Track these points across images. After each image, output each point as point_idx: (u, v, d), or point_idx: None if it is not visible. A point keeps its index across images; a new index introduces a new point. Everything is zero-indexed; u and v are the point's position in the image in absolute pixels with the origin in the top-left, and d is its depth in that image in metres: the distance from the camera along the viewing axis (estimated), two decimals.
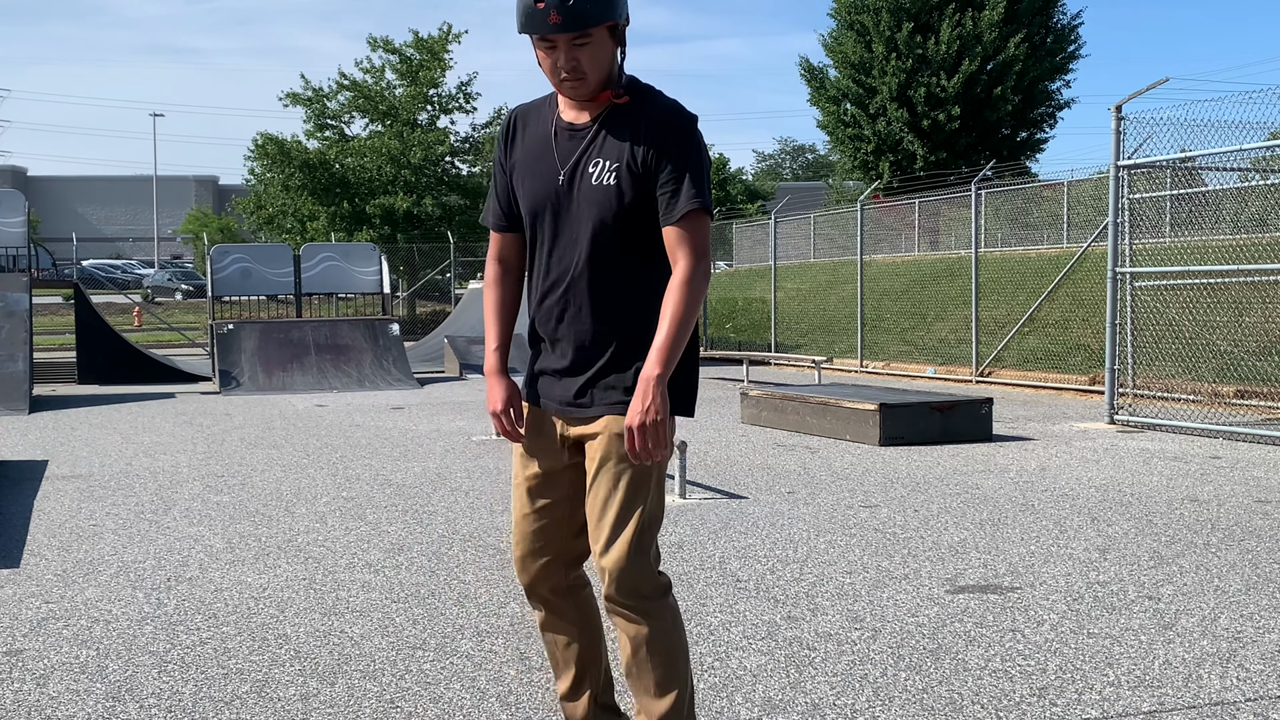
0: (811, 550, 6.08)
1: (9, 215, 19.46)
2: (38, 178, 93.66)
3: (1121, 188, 11.35)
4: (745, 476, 8.52)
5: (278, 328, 18.48)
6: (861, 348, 19.29)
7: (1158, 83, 10.95)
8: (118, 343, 18.84)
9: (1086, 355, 15.32)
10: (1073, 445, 10.08)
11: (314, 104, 39.21)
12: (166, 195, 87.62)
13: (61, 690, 4.05)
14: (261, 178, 39.38)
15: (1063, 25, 35.01)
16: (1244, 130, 10.44)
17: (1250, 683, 4.01)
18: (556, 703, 3.77)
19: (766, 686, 4.02)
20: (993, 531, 6.51)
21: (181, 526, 6.89)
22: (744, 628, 4.70)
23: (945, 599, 5.10)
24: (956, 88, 32.91)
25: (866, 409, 10.19)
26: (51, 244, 54.78)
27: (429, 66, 38.40)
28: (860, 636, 4.57)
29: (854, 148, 35.97)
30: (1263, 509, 7.13)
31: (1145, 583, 5.36)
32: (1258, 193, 13.54)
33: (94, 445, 10.78)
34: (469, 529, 6.71)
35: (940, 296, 20.61)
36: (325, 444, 10.71)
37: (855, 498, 7.60)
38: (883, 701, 3.86)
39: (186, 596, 5.28)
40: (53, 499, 7.88)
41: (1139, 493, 7.72)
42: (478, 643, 4.54)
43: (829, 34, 36.12)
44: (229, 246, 20.69)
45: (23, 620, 4.91)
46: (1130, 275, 11.49)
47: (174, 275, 51.88)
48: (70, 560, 6.02)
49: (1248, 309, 12.92)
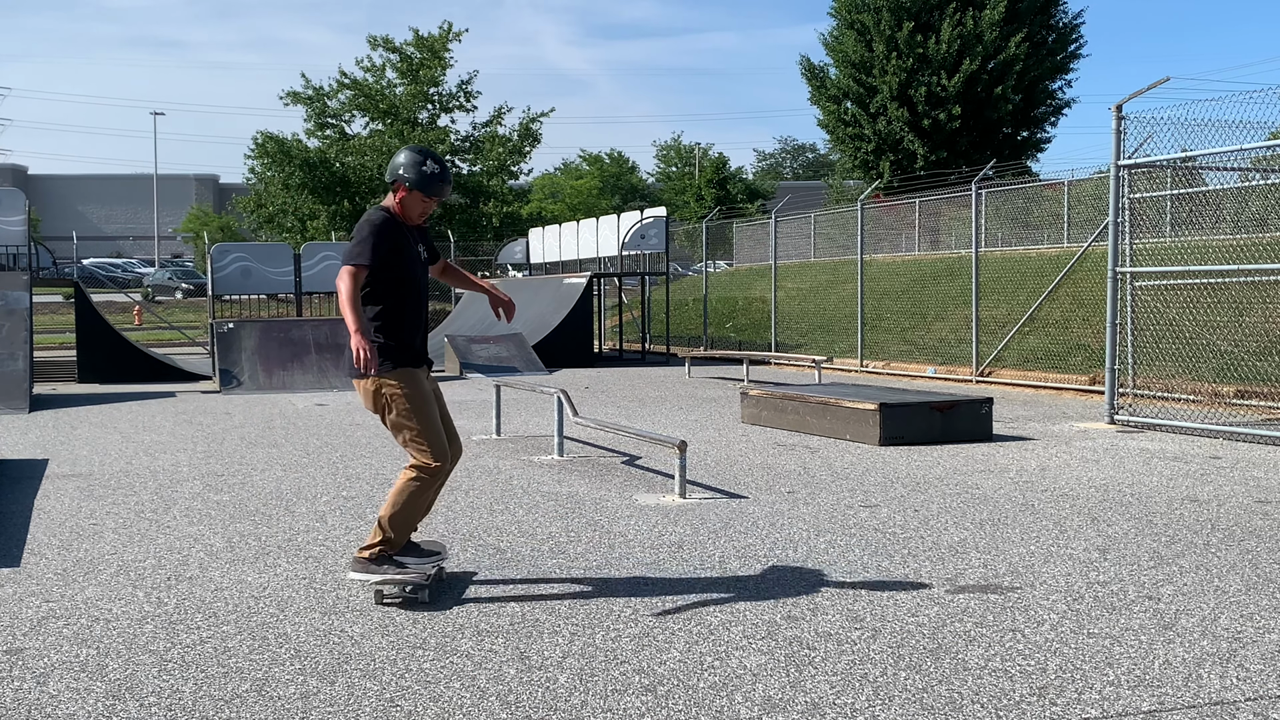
0: (811, 550, 6.08)
1: (9, 214, 19.46)
2: (38, 176, 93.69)
3: (1122, 187, 11.35)
4: (745, 476, 8.52)
5: (278, 327, 18.47)
6: (862, 347, 19.29)
7: (1158, 82, 10.94)
8: (118, 341, 18.83)
9: (1087, 355, 15.32)
10: (1073, 445, 10.08)
11: (315, 103, 39.19)
12: (167, 194, 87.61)
13: (62, 689, 4.05)
14: (262, 176, 39.35)
15: (1063, 24, 35.03)
16: (1244, 130, 10.44)
17: (1250, 682, 4.02)
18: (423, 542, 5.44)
19: (766, 686, 4.02)
20: (993, 531, 6.51)
21: (182, 525, 6.89)
22: (744, 627, 4.70)
23: (945, 599, 5.10)
24: (957, 87, 32.91)
25: (866, 409, 10.19)
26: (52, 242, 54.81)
27: (429, 65, 38.39)
28: (860, 636, 4.57)
29: (854, 147, 35.98)
30: (1263, 509, 7.13)
31: (1145, 583, 5.36)
32: (1258, 192, 13.54)
33: (94, 444, 10.79)
34: (469, 528, 6.72)
35: (940, 296, 20.61)
36: (325, 443, 10.71)
37: (855, 498, 7.60)
38: (883, 701, 3.86)
39: (186, 595, 5.28)
40: (53, 498, 7.89)
41: (1139, 493, 7.73)
42: (478, 642, 4.54)
43: (829, 33, 36.15)
44: (229, 245, 20.68)
45: (23, 619, 4.92)
46: (1130, 275, 11.49)
47: (174, 274, 51.85)
48: (70, 559, 6.03)
49: (1248, 309, 12.92)
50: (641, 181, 74.22)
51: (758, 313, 24.69)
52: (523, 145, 39.97)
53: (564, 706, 3.84)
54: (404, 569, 5.13)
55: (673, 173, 69.64)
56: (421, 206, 5.28)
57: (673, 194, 63.79)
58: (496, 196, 39.53)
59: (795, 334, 22.36)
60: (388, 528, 5.14)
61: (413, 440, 5.14)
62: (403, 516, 5.14)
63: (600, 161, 73.46)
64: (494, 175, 39.62)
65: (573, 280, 22.84)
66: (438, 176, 5.25)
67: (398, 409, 5.14)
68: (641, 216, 23.61)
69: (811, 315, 23.21)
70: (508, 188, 40.59)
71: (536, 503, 7.52)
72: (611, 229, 24.38)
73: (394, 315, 5.20)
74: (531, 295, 23.96)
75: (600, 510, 7.23)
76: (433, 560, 5.29)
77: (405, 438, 5.17)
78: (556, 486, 8.16)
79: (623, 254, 23.57)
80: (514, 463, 9.33)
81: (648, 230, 23.35)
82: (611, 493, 7.87)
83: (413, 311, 5.32)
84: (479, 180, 39.48)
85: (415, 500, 5.15)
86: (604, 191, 67.71)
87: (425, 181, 5.23)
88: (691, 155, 69.82)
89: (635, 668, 4.22)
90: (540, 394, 12.66)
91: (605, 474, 8.71)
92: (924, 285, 21.74)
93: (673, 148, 72.38)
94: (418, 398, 5.17)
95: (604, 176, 70.56)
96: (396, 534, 5.15)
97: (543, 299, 23.07)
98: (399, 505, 5.13)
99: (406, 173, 5.22)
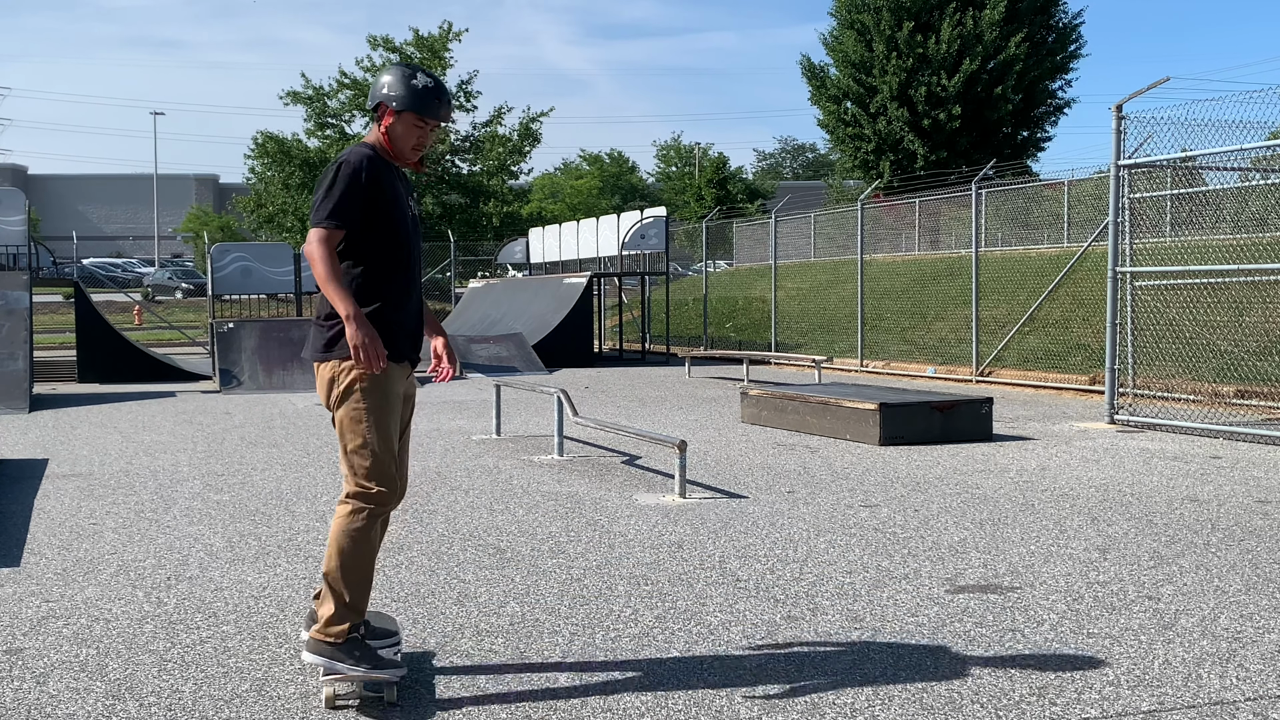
0: (811, 550, 6.08)
1: (9, 214, 19.47)
2: (38, 176, 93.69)
3: (1122, 187, 11.35)
4: (745, 476, 8.52)
5: (278, 326, 18.47)
6: (862, 347, 19.29)
7: (1158, 82, 10.94)
8: (118, 341, 18.84)
9: (1087, 355, 15.32)
10: (1073, 445, 10.08)
11: (315, 103, 39.23)
12: (167, 194, 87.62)
13: (61, 689, 4.05)
14: (262, 176, 39.41)
15: (1064, 24, 35.03)
16: (1244, 130, 10.44)
17: (1250, 682, 4.02)
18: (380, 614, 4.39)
19: (766, 686, 4.02)
20: (993, 531, 6.51)
21: (181, 525, 6.89)
22: (744, 627, 4.70)
23: (945, 599, 5.10)
24: (957, 87, 32.91)
25: (866, 408, 10.19)
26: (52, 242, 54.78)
27: (429, 65, 38.40)
28: (860, 636, 4.57)
29: (854, 147, 35.98)
30: (1263, 509, 7.13)
31: (1145, 583, 5.36)
32: (1258, 192, 13.54)
33: (94, 444, 10.78)
34: (469, 528, 6.71)
35: (940, 296, 20.61)
36: (325, 443, 10.71)
37: (855, 497, 7.60)
38: (882, 701, 3.86)
39: (186, 595, 5.28)
40: (53, 498, 7.88)
41: (1139, 493, 7.72)
42: (477, 642, 4.54)
43: (829, 33, 36.15)
44: (229, 245, 20.69)
45: (23, 619, 4.91)
46: (1130, 275, 11.49)
47: (174, 274, 51.82)
48: (70, 559, 6.03)
49: (1248, 309, 12.92)
50: (641, 181, 74.26)
51: (758, 313, 24.69)
52: (523, 145, 40.00)
53: (564, 706, 3.84)
54: (379, 662, 3.90)
55: (673, 173, 69.67)
56: (416, 135, 4.04)
57: (673, 194, 63.81)
58: (496, 196, 39.56)
59: (795, 334, 22.36)
60: (341, 587, 3.91)
61: (356, 453, 3.94)
62: (354, 566, 3.93)
63: (600, 161, 73.50)
64: (494, 175, 39.65)
65: (573, 280, 22.84)
66: (432, 91, 4.01)
67: (351, 405, 3.96)
68: (641, 216, 23.61)
69: (811, 315, 23.21)
70: (508, 188, 40.62)
71: (536, 502, 7.52)
72: (611, 229, 24.39)
73: (377, 286, 4.00)
74: (531, 295, 23.97)
75: (600, 510, 7.23)
76: (392, 644, 4.12)
77: (350, 446, 3.96)
78: (556, 486, 8.16)
79: (623, 254, 23.57)
80: (514, 462, 9.33)
81: (648, 230, 23.35)
82: (611, 492, 7.87)
83: (403, 285, 4.07)
84: (479, 180, 39.51)
85: (363, 541, 3.94)
86: (604, 191, 67.76)
87: (417, 98, 3.99)
88: (691, 155, 69.84)
89: (635, 668, 4.22)
90: (540, 394, 12.66)
91: (605, 474, 8.71)
92: (924, 285, 21.74)
93: (673, 148, 72.43)
94: (381, 402, 3.97)
95: (604, 176, 70.61)
96: (354, 593, 3.93)
97: (543, 299, 23.07)
98: (345, 552, 3.91)
99: (392, 91, 4.00)
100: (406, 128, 4.01)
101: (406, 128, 4.01)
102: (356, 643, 3.92)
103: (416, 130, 4.02)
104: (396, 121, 4.01)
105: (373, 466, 3.95)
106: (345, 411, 3.97)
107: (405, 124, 4.01)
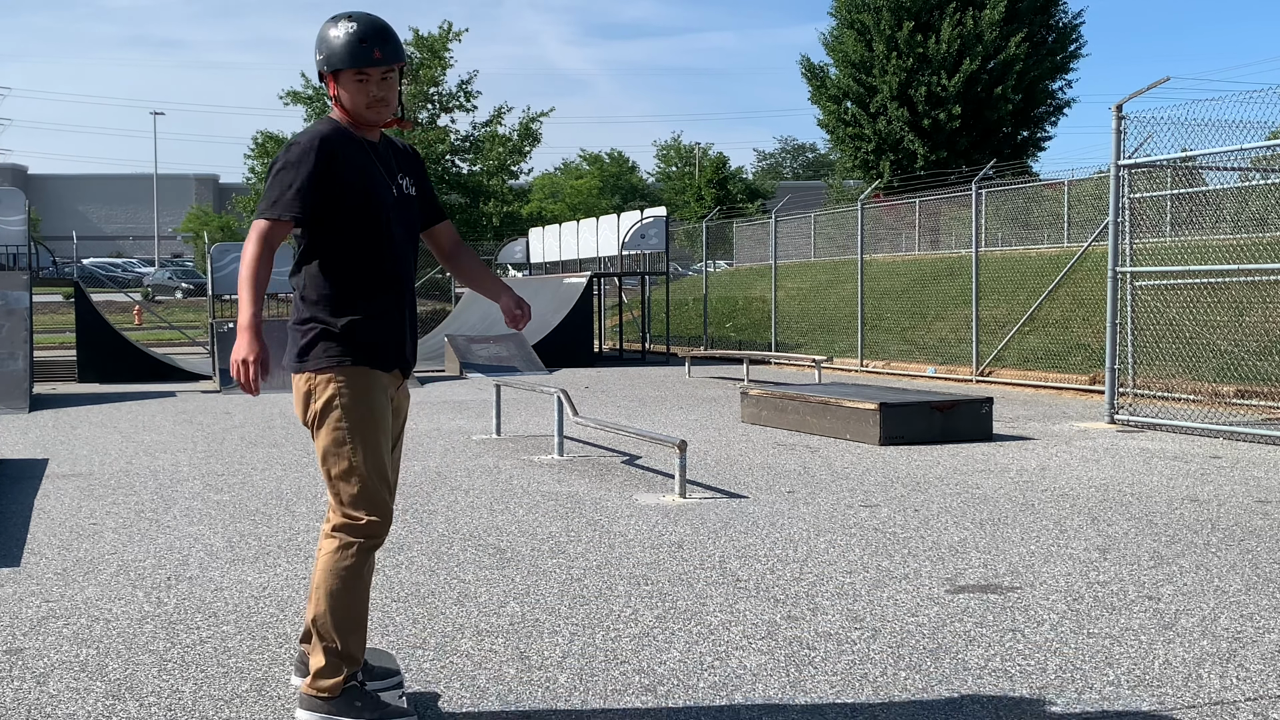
0: (811, 550, 6.08)
1: (9, 213, 19.47)
2: (38, 176, 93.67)
3: (1122, 187, 11.35)
4: (745, 476, 8.52)
5: (278, 326, 18.41)
6: (862, 347, 19.29)
7: (1158, 82, 10.95)
8: (118, 341, 18.84)
9: (1087, 355, 15.31)
10: (1073, 445, 10.08)
11: (315, 103, 39.18)
12: (167, 193, 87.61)
13: (61, 688, 4.05)
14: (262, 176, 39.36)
15: (1063, 24, 35.02)
16: (1244, 129, 10.44)
17: (1250, 682, 4.01)
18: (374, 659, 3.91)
19: (766, 686, 4.02)
20: (993, 531, 6.51)
21: (182, 525, 6.89)
22: (744, 627, 4.70)
23: (945, 599, 5.10)
24: (957, 87, 32.90)
25: (866, 408, 10.19)
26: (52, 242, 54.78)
27: (429, 65, 38.39)
28: (860, 636, 4.57)
29: (854, 147, 35.97)
30: (1263, 509, 7.13)
31: (1145, 583, 5.36)
32: (1258, 192, 13.54)
33: (94, 444, 10.78)
34: (469, 528, 6.71)
35: (940, 296, 20.60)
36: None
37: (855, 497, 7.60)
38: (883, 701, 3.86)
39: (186, 595, 5.28)
40: (53, 497, 7.88)
41: (1139, 493, 7.72)
42: (478, 642, 4.54)
43: (829, 33, 36.15)
44: (229, 245, 20.69)
45: (23, 619, 4.91)
46: (1131, 275, 11.49)
47: (174, 274, 51.83)
48: (70, 559, 6.02)
49: (1248, 309, 12.92)
50: (641, 181, 74.24)
51: (758, 312, 24.69)
52: (523, 145, 39.98)
53: (564, 706, 3.84)
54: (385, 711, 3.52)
55: (673, 172, 69.64)
56: (365, 92, 3.48)
57: (673, 194, 63.80)
58: (496, 196, 39.54)
59: (795, 334, 22.36)
60: (333, 635, 3.47)
61: (341, 479, 3.47)
62: (346, 609, 3.48)
63: (600, 161, 73.49)
64: (494, 175, 39.63)
65: (573, 280, 22.85)
66: (356, 35, 3.44)
67: (332, 425, 3.47)
68: (641, 216, 23.61)
69: (811, 315, 23.21)
70: (508, 187, 40.61)
71: (536, 502, 7.52)
72: (611, 229, 24.39)
73: (350, 277, 3.50)
74: (531, 295, 23.95)
75: (600, 510, 7.23)
76: (394, 685, 3.74)
77: (333, 472, 3.48)
78: (556, 486, 8.15)
79: (623, 254, 23.57)
80: (514, 462, 9.32)
81: (648, 230, 23.35)
82: (611, 492, 7.87)
83: (385, 278, 3.55)
84: (479, 180, 39.49)
85: (354, 580, 3.48)
86: (604, 191, 67.74)
87: (345, 51, 3.44)
88: (691, 155, 69.81)
89: (635, 668, 4.22)
90: (540, 393, 12.66)
91: (605, 474, 8.71)
92: (924, 285, 21.73)
93: (673, 147, 72.38)
94: (365, 416, 3.48)
95: (604, 176, 70.60)
96: (347, 640, 3.49)
97: (543, 299, 23.08)
98: (335, 594, 3.45)
99: (320, 53, 3.49)
100: (351, 88, 3.49)
101: (351, 88, 3.49)
102: (356, 692, 3.50)
103: (360, 85, 3.48)
104: (339, 86, 3.51)
105: (360, 494, 3.48)
106: (326, 433, 3.50)
107: (347, 84, 3.49)
